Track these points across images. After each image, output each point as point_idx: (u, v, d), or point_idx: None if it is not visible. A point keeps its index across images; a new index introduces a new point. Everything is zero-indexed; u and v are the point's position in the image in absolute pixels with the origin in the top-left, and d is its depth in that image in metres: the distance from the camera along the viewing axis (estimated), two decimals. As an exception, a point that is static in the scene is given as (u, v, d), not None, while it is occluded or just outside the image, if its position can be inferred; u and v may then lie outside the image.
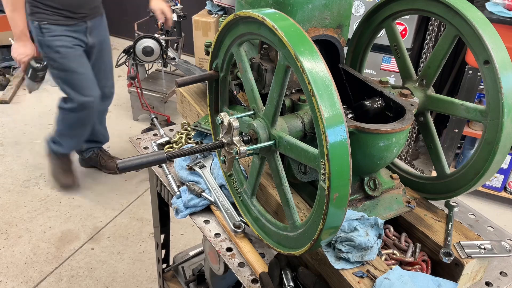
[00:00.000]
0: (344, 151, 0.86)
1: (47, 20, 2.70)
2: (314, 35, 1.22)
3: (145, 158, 0.99)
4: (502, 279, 1.22)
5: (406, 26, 3.06)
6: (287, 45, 0.89)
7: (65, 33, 2.76)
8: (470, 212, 1.45)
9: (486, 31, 1.09)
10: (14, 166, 3.59)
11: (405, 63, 1.35)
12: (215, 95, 1.31)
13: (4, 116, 4.25)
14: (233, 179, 1.33)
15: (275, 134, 1.03)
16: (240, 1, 1.37)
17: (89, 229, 3.03)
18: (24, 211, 3.15)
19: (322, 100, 0.85)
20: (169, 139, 1.70)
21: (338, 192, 0.87)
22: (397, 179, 1.26)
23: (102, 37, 3.02)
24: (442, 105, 1.26)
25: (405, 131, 1.11)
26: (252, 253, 1.27)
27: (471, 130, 3.20)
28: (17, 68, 4.93)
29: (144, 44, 3.43)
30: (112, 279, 2.69)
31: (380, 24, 1.39)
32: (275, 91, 1.00)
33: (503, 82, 1.07)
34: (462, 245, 1.15)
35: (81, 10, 2.78)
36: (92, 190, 3.36)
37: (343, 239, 1.07)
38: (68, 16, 2.74)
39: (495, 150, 1.11)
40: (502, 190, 3.32)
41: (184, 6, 3.82)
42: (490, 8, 2.80)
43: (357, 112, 1.23)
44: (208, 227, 1.38)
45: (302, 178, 1.24)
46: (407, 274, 1.04)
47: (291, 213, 1.06)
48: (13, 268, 2.73)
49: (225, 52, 1.18)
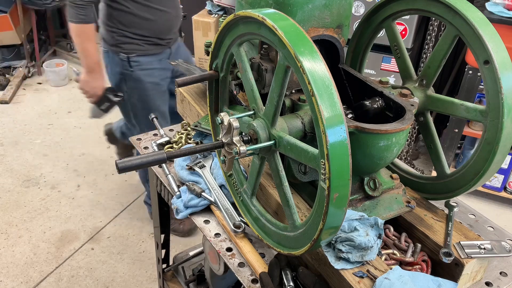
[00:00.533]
0: (344, 151, 0.86)
1: (137, 51, 2.42)
2: (314, 35, 1.22)
3: (145, 158, 0.99)
4: (502, 279, 1.22)
5: (406, 26, 3.06)
6: (287, 45, 0.89)
7: (154, 65, 2.49)
8: (470, 212, 1.45)
9: (486, 31, 1.09)
10: (14, 166, 3.59)
11: (405, 63, 1.35)
12: (215, 95, 1.31)
13: (4, 116, 4.25)
14: (233, 179, 1.33)
15: (275, 134, 1.03)
16: (240, 1, 1.37)
17: (89, 229, 3.03)
18: (24, 211, 3.15)
19: (322, 100, 0.85)
20: (169, 139, 1.70)
21: (338, 192, 0.87)
22: (397, 179, 1.26)
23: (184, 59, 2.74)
24: (442, 105, 1.26)
25: (405, 131, 1.11)
26: (252, 253, 1.27)
27: (471, 130, 3.21)
28: (17, 68, 4.92)
29: (144, 44, 3.42)
30: (112, 279, 2.69)
31: (380, 24, 1.39)
32: (275, 91, 1.00)
33: (503, 82, 1.07)
34: (462, 245, 1.15)
35: (169, 35, 2.51)
36: (92, 190, 3.36)
37: (343, 239, 1.07)
38: (157, 43, 2.47)
39: (495, 150, 1.11)
40: (502, 190, 3.32)
41: (184, 6, 3.80)
42: (490, 8, 2.80)
43: (357, 112, 1.23)
44: (208, 227, 1.38)
45: (302, 178, 1.24)
46: (407, 274, 1.04)
47: (291, 213, 1.06)
48: (13, 268, 2.73)
49: (225, 52, 1.18)
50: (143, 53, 2.43)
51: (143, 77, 2.46)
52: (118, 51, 2.41)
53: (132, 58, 2.41)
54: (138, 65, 2.43)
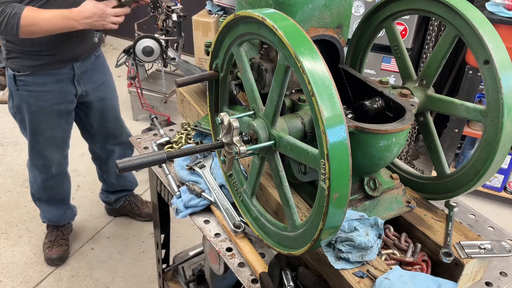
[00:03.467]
0: (344, 151, 0.86)
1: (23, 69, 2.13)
2: (314, 35, 1.22)
3: (145, 158, 0.99)
4: (502, 279, 1.22)
5: (406, 26, 3.06)
6: (287, 45, 0.89)
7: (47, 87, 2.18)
8: (470, 212, 1.45)
9: (486, 31, 1.09)
10: (14, 166, 3.59)
11: (405, 63, 1.35)
12: (215, 95, 1.31)
13: (4, 116, 4.24)
14: (233, 179, 1.33)
15: (275, 134, 1.03)
16: (240, 1, 1.37)
17: (89, 229, 3.03)
18: (24, 211, 3.15)
19: (322, 100, 0.85)
20: (169, 139, 1.70)
21: (338, 192, 0.87)
22: (397, 179, 1.26)
23: (98, 83, 2.40)
24: (442, 105, 1.26)
25: (405, 131, 1.11)
26: (252, 253, 1.27)
27: (471, 130, 3.20)
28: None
29: (144, 44, 3.42)
30: (112, 279, 2.69)
31: (380, 24, 1.39)
32: (275, 91, 1.00)
33: (503, 82, 1.07)
34: (462, 245, 1.15)
35: (69, 51, 2.16)
36: (92, 190, 3.36)
37: (343, 239, 1.07)
38: (51, 61, 2.15)
39: (495, 150, 1.11)
40: (502, 190, 3.32)
41: (184, 6, 3.81)
42: (490, 8, 2.80)
43: (357, 112, 1.23)
44: (208, 227, 1.38)
45: (302, 178, 1.24)
46: (407, 274, 1.04)
47: (291, 213, 1.06)
48: (13, 268, 2.73)
49: (225, 52, 1.18)
50: (32, 70, 2.13)
51: (27, 98, 2.19)
52: (7, 65, 2.16)
53: (18, 77, 2.15)
54: (24, 85, 2.16)
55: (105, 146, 2.68)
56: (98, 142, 2.66)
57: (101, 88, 2.43)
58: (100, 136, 2.62)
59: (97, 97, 2.43)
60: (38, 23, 1.92)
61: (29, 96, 2.19)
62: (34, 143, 2.37)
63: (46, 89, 2.20)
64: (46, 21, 1.94)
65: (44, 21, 1.93)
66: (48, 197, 2.63)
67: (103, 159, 2.76)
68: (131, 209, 3.04)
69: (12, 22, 1.88)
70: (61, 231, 2.81)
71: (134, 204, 3.03)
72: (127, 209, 3.05)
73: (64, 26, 1.98)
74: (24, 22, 1.89)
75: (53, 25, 1.96)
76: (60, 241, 2.78)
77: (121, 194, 2.96)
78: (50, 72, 2.18)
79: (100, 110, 2.49)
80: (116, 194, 2.95)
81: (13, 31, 1.90)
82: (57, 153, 2.46)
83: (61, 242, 2.78)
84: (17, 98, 2.22)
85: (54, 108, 2.27)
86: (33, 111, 2.23)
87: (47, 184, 2.55)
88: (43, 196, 2.63)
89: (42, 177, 2.51)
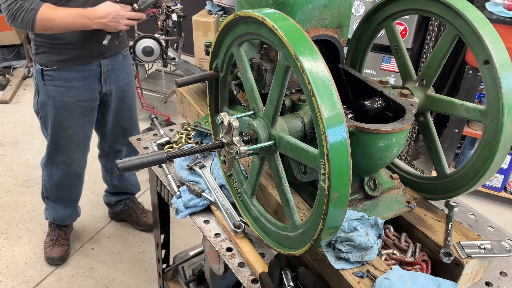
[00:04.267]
0: (344, 151, 0.86)
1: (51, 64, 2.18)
2: (314, 35, 1.22)
3: (145, 158, 0.99)
4: (502, 279, 1.22)
5: (406, 26, 3.06)
6: (287, 45, 0.89)
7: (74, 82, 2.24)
8: (470, 212, 1.45)
9: (486, 31, 1.09)
10: (14, 166, 3.59)
11: (405, 63, 1.35)
12: (215, 95, 1.31)
13: (4, 116, 4.25)
14: (233, 179, 1.33)
15: (275, 134, 1.03)
16: (240, 1, 1.37)
17: (89, 229, 3.03)
18: (24, 211, 3.15)
19: (322, 100, 0.85)
20: (169, 139, 1.70)
21: (338, 192, 0.88)
22: (397, 179, 1.26)
23: (122, 83, 2.44)
24: (442, 105, 1.26)
25: (405, 131, 1.11)
26: (252, 253, 1.27)
27: (471, 130, 3.20)
28: (17, 68, 4.92)
29: (144, 44, 3.43)
30: (112, 279, 2.69)
31: (380, 24, 1.39)
32: (275, 91, 1.00)
33: (503, 82, 1.07)
34: (462, 245, 1.15)
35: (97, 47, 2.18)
36: (92, 190, 3.36)
37: (343, 239, 1.07)
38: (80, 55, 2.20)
39: (495, 150, 1.11)
40: (502, 190, 3.32)
41: (184, 6, 3.81)
42: (490, 8, 2.80)
43: (357, 112, 1.23)
44: (208, 227, 1.38)
45: (302, 178, 1.24)
46: (407, 274, 1.05)
47: (291, 213, 1.06)
48: (13, 268, 2.73)
49: (225, 52, 1.18)
50: (60, 65, 2.18)
51: (54, 93, 2.24)
52: (36, 60, 2.21)
53: (45, 71, 2.19)
54: (52, 79, 2.21)
55: (114, 145, 2.70)
56: (108, 140, 2.69)
57: (123, 88, 2.47)
58: (111, 135, 2.65)
59: (117, 97, 2.46)
60: (53, 19, 1.98)
61: (55, 91, 2.23)
62: (56, 139, 2.40)
63: (72, 85, 2.24)
64: (61, 18, 1.99)
65: (59, 18, 1.99)
66: (59, 196, 2.65)
67: (109, 157, 2.78)
68: (129, 215, 3.02)
69: (28, 16, 1.95)
70: (63, 230, 2.82)
71: (134, 210, 3.02)
72: (126, 215, 3.03)
73: (78, 24, 2.02)
74: (40, 17, 1.96)
75: (67, 22, 2.00)
76: (61, 240, 2.80)
77: (122, 196, 2.95)
78: (77, 67, 2.22)
79: (117, 109, 2.52)
80: (117, 196, 2.95)
81: (29, 25, 1.98)
82: (78, 153, 2.50)
83: (62, 241, 2.80)
84: (43, 93, 2.26)
85: (78, 105, 2.31)
86: (58, 107, 2.27)
87: (63, 183, 2.58)
88: (53, 195, 2.65)
89: (60, 174, 2.53)
